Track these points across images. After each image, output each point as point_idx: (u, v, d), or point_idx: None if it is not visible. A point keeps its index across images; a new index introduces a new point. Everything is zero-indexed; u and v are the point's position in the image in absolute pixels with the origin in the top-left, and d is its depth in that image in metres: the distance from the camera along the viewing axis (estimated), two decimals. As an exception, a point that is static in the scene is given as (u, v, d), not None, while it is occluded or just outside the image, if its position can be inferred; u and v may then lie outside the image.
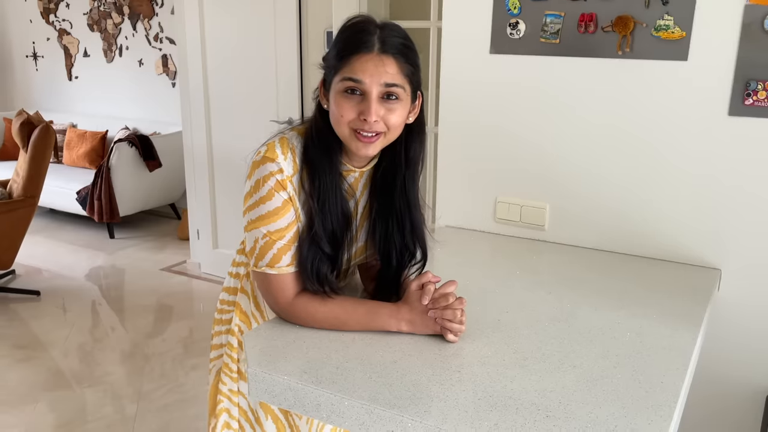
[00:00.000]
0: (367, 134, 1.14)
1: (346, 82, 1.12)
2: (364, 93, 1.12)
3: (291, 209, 1.19)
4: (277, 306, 1.25)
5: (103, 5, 5.41)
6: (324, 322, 1.23)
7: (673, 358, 1.18)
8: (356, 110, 1.13)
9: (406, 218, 1.27)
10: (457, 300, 1.20)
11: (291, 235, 1.21)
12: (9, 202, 3.55)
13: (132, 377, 2.90)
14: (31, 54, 6.05)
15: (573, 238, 1.84)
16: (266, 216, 1.19)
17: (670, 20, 1.59)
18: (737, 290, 1.65)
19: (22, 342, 3.22)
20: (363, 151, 1.16)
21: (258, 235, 1.20)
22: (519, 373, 1.11)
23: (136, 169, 4.77)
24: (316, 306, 1.23)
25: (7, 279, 4.00)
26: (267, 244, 1.20)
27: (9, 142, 5.58)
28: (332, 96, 1.15)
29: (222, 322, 1.48)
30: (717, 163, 1.62)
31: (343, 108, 1.13)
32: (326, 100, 1.18)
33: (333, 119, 1.16)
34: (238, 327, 1.40)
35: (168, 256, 4.49)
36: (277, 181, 1.17)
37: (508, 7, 1.79)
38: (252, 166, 1.19)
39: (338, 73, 1.13)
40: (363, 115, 1.12)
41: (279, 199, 1.17)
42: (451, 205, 2.02)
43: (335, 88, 1.14)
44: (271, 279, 1.23)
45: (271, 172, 1.17)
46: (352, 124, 1.14)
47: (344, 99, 1.13)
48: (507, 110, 1.86)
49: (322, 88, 1.20)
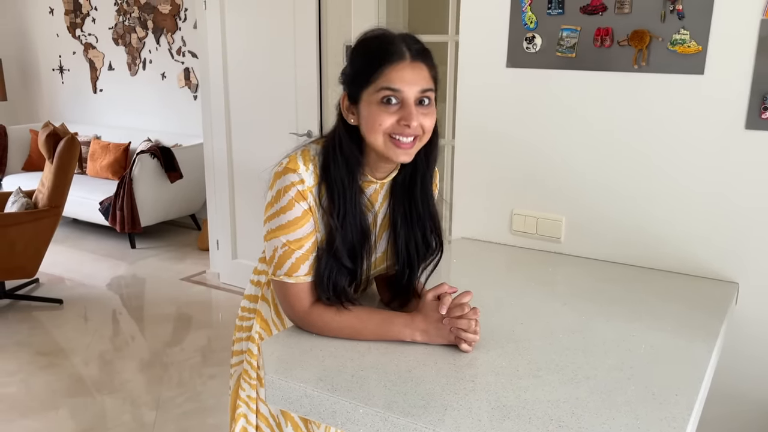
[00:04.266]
0: (405, 140, 1.16)
1: (384, 92, 1.14)
2: (401, 101, 1.14)
3: (310, 219, 1.21)
4: (294, 314, 1.28)
5: (128, 20, 5.53)
6: (339, 332, 1.25)
7: (688, 371, 1.18)
8: (394, 118, 1.15)
9: (427, 216, 1.30)
10: (472, 310, 1.21)
11: (309, 245, 1.23)
12: (34, 211, 3.63)
13: (151, 385, 2.93)
14: (58, 67, 6.19)
15: (589, 250, 1.84)
16: (286, 225, 1.21)
17: (686, 34, 1.60)
18: (756, 305, 1.64)
19: (44, 349, 3.28)
20: (402, 157, 1.18)
21: (277, 244, 1.22)
22: (533, 383, 1.12)
23: (158, 180, 4.84)
24: (332, 316, 1.25)
25: (31, 287, 4.08)
26: (286, 254, 1.22)
27: (35, 153, 5.71)
28: (365, 108, 1.16)
29: (243, 329, 1.51)
30: (734, 177, 1.62)
31: (381, 117, 1.15)
32: (352, 114, 1.20)
33: (368, 129, 1.17)
34: (258, 334, 1.43)
35: (188, 266, 4.54)
36: (297, 192, 1.19)
37: (524, 21, 1.81)
38: (274, 176, 1.22)
39: (371, 84, 1.15)
40: (405, 121, 1.14)
41: (299, 209, 1.20)
42: (467, 216, 2.04)
43: (369, 99, 1.15)
44: (289, 287, 1.25)
45: (293, 182, 1.19)
46: (390, 131, 1.15)
47: (382, 109, 1.15)
48: (523, 123, 1.88)
49: (346, 103, 1.21)
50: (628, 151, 1.74)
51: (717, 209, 1.65)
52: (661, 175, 1.71)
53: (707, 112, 1.62)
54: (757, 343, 1.66)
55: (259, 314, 1.44)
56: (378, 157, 1.21)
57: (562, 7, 1.74)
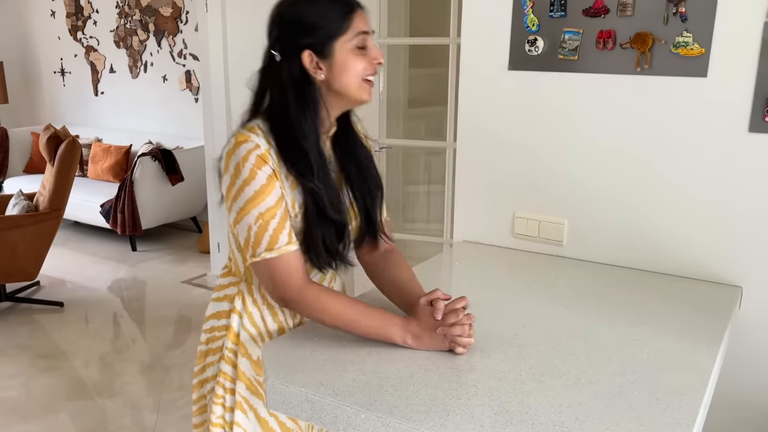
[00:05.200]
0: (374, 78, 1.24)
1: (361, 37, 1.20)
2: (366, 44, 1.21)
3: (276, 184, 1.19)
4: (288, 293, 1.21)
5: (130, 23, 5.54)
6: (336, 318, 1.22)
7: (692, 376, 1.17)
8: (366, 60, 1.21)
9: (372, 164, 1.35)
10: (466, 316, 1.21)
11: (282, 212, 1.20)
12: (35, 214, 3.63)
13: (152, 388, 2.92)
14: (59, 70, 6.19)
15: (591, 254, 1.84)
16: (253, 198, 1.17)
17: (689, 37, 1.59)
18: (759, 309, 1.63)
19: (45, 352, 3.28)
20: (369, 96, 1.24)
21: (250, 221, 1.18)
22: (535, 388, 1.11)
23: (159, 182, 4.84)
24: (331, 299, 1.22)
25: (31, 290, 4.08)
26: (261, 228, 1.18)
27: (36, 156, 5.71)
28: (341, 56, 1.20)
29: (212, 352, 1.38)
30: (738, 180, 1.61)
31: (359, 61, 1.20)
32: (320, 69, 1.20)
33: (347, 76, 1.20)
34: (231, 351, 1.33)
35: (189, 268, 4.54)
36: (257, 157, 1.17)
37: (526, 24, 1.80)
38: (225, 157, 1.20)
39: (346, 33, 1.19)
40: (377, 60, 1.22)
41: (263, 175, 1.17)
42: (469, 219, 2.03)
43: (344, 48, 1.19)
44: (275, 265, 1.19)
45: (249, 150, 1.18)
46: (365, 73, 1.22)
47: (359, 54, 1.21)
48: (525, 126, 1.87)
49: (312, 61, 1.19)
50: (631, 154, 1.73)
51: (720, 212, 1.64)
52: (663, 178, 1.70)
53: (710, 115, 1.61)
54: (760, 346, 1.65)
55: (231, 330, 1.33)
56: (341, 105, 1.25)
57: (564, 10, 1.74)
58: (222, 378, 1.34)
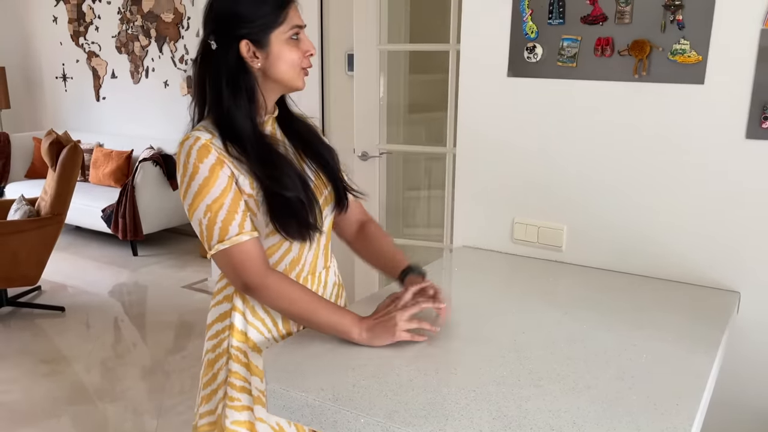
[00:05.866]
0: (308, 67, 1.31)
1: (295, 29, 1.27)
2: (299, 35, 1.29)
3: (219, 174, 1.21)
4: (248, 279, 1.23)
5: (131, 28, 5.56)
6: (296, 305, 1.25)
7: (690, 380, 1.18)
8: (300, 50, 1.29)
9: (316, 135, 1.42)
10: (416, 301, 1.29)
11: (229, 201, 1.22)
12: (37, 219, 3.64)
13: (152, 393, 2.93)
14: (61, 75, 6.22)
15: (590, 259, 1.85)
16: (199, 191, 1.21)
17: (686, 44, 1.61)
18: (757, 314, 1.64)
19: (46, 357, 3.28)
20: (303, 84, 1.31)
21: (200, 215, 1.22)
22: (534, 393, 1.12)
23: (160, 187, 4.86)
24: (292, 287, 1.26)
25: (33, 295, 4.09)
26: (210, 220, 1.22)
27: (38, 161, 5.73)
28: (277, 47, 1.26)
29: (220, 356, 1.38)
30: (735, 186, 1.62)
31: (294, 52, 1.27)
32: (256, 58, 1.25)
33: (286, 65, 1.27)
34: (237, 350, 1.34)
35: (189, 273, 4.55)
36: (197, 151, 1.21)
37: (525, 31, 1.82)
38: (177, 162, 1.25)
39: (282, 25, 1.25)
40: (310, 51, 1.30)
41: (205, 168, 1.21)
42: (468, 225, 2.04)
43: (280, 39, 1.26)
44: (231, 254, 1.22)
45: (190, 146, 1.22)
46: (302, 63, 1.29)
47: (292, 44, 1.27)
48: (524, 132, 1.88)
49: (249, 50, 1.24)
50: (629, 160, 1.74)
51: (718, 218, 1.65)
52: (661, 184, 1.71)
53: (708, 122, 1.62)
54: (758, 352, 1.66)
55: (234, 328, 1.34)
56: (277, 90, 1.31)
57: (562, 17, 1.75)
58: (233, 378, 1.34)
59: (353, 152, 2.96)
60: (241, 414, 1.34)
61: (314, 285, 1.40)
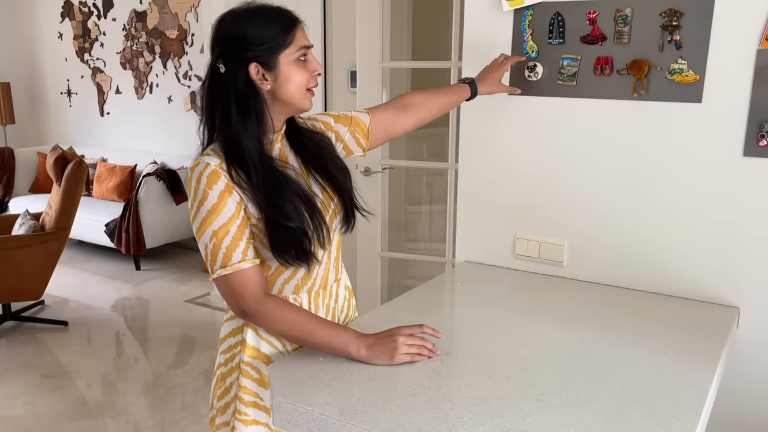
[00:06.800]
0: (315, 88, 1.33)
1: (302, 50, 1.29)
2: (306, 56, 1.31)
3: (228, 201, 1.24)
4: (246, 306, 1.26)
5: (136, 45, 5.62)
6: (293, 327, 1.26)
7: (690, 395, 1.20)
8: (308, 71, 1.30)
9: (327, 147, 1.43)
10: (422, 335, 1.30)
11: (235, 229, 1.24)
12: (41, 234, 3.66)
13: (154, 408, 2.94)
14: (66, 91, 6.27)
15: (591, 274, 1.86)
16: (206, 217, 1.24)
17: (683, 64, 1.64)
18: (756, 329, 1.66)
19: (49, 371, 3.29)
20: (311, 104, 1.33)
21: (206, 240, 1.24)
22: (536, 407, 1.13)
23: (163, 202, 4.89)
24: (287, 309, 1.27)
25: (36, 309, 4.10)
26: (215, 246, 1.24)
27: (42, 176, 5.76)
28: (286, 68, 1.27)
29: (232, 370, 1.39)
30: (733, 203, 1.64)
31: (302, 73, 1.29)
32: (266, 80, 1.27)
33: (292, 86, 1.29)
34: (249, 365, 1.35)
35: (192, 288, 4.57)
36: (207, 177, 1.23)
37: (526, 50, 1.85)
38: (188, 187, 1.28)
39: (289, 47, 1.27)
40: (317, 71, 1.32)
41: (214, 194, 1.23)
42: (470, 240, 2.06)
43: (288, 60, 1.27)
44: (231, 280, 1.25)
45: (200, 172, 1.24)
46: (308, 84, 1.31)
47: (300, 65, 1.29)
48: (526, 149, 1.91)
49: (260, 72, 1.26)
50: (629, 177, 1.77)
51: (717, 234, 1.67)
52: (661, 201, 1.73)
53: (706, 140, 1.65)
54: (757, 366, 1.67)
55: (245, 344, 1.36)
56: (285, 112, 1.33)
57: (562, 37, 1.79)
58: (242, 392, 1.36)
59: (356, 168, 2.99)
60: (248, 428, 1.36)
61: (325, 299, 1.42)
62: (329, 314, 1.43)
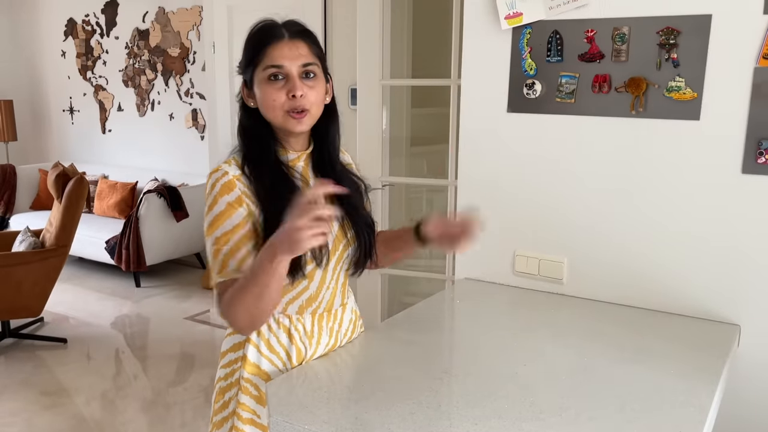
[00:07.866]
0: (297, 111, 1.26)
1: (270, 70, 1.25)
2: (286, 76, 1.25)
3: (234, 212, 1.24)
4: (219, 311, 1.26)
5: (138, 63, 5.66)
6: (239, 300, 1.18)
7: (691, 413, 1.19)
8: (283, 92, 1.25)
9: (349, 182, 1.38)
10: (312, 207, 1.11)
11: (237, 239, 1.24)
12: (41, 251, 3.66)
13: (153, 426, 2.91)
14: (68, 108, 6.31)
15: (591, 292, 1.86)
16: (212, 223, 1.25)
17: (681, 81, 1.65)
18: (757, 347, 1.65)
19: (48, 389, 3.27)
20: (298, 127, 1.27)
21: (209, 245, 1.26)
22: (536, 426, 1.12)
23: (164, 219, 4.89)
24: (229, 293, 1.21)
25: (35, 326, 4.09)
26: (215, 252, 1.25)
27: (43, 193, 5.78)
28: (258, 87, 1.27)
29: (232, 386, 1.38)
30: (733, 220, 1.64)
31: (271, 93, 1.25)
32: (250, 98, 1.30)
33: (266, 107, 1.27)
34: (248, 381, 1.34)
35: (192, 305, 4.55)
36: (222, 185, 1.25)
37: (524, 68, 1.86)
38: (205, 189, 1.29)
39: (259, 66, 1.26)
40: (291, 92, 1.24)
41: (223, 203, 1.25)
42: (470, 257, 2.06)
43: (259, 79, 1.26)
44: (220, 288, 1.25)
45: (217, 179, 1.26)
46: (284, 106, 1.25)
47: (270, 85, 1.25)
48: (525, 166, 1.91)
49: (245, 90, 1.31)
50: (627, 194, 1.77)
51: (717, 251, 1.67)
52: (660, 217, 1.73)
53: (704, 157, 1.65)
54: (759, 384, 1.66)
55: (246, 360, 1.34)
56: (281, 131, 1.30)
57: (561, 55, 1.80)
58: (240, 409, 1.34)
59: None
60: None
61: (329, 322, 1.41)
62: (332, 337, 1.42)
